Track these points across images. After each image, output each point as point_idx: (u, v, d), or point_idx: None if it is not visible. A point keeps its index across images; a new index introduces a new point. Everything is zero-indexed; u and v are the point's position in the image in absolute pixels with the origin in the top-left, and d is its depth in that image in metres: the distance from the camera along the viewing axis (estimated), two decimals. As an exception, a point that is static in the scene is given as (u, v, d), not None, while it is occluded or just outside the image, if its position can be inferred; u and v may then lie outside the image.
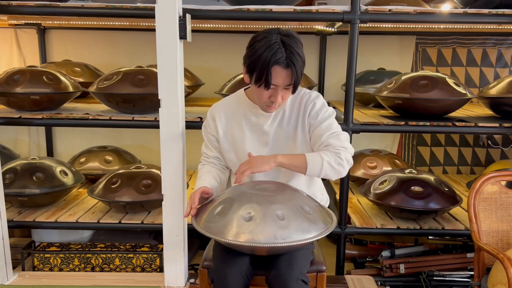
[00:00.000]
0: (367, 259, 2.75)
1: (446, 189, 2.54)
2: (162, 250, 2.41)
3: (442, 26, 3.11)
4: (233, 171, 1.80)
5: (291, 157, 1.61)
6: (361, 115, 2.70)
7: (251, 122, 1.73)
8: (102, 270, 2.51)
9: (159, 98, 2.07)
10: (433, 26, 3.11)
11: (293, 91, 1.60)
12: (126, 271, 2.50)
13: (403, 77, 2.55)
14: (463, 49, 3.43)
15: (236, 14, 2.24)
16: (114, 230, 2.81)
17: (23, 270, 2.52)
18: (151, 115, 2.43)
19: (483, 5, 2.47)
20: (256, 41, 1.54)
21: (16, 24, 3.36)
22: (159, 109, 2.08)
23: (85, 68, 3.16)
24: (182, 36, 2.04)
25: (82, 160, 3.10)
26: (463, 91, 2.44)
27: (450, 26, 3.08)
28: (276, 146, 1.73)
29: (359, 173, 3.02)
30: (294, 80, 1.54)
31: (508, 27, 2.99)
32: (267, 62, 1.50)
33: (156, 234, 2.86)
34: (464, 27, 3.07)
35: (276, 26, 1.67)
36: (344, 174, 1.65)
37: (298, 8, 2.25)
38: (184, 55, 2.15)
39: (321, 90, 3.49)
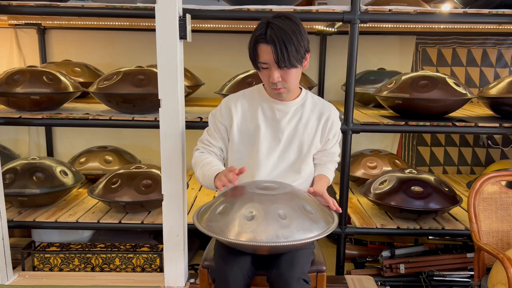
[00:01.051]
0: (367, 259, 2.76)
1: (446, 189, 2.54)
2: (162, 250, 2.41)
3: (442, 26, 3.11)
4: (237, 164, 1.72)
5: (325, 184, 1.77)
6: (361, 115, 2.70)
7: (267, 116, 1.72)
8: (102, 270, 2.51)
9: (159, 98, 2.07)
10: (433, 26, 3.11)
11: (282, 67, 1.55)
12: (126, 271, 2.50)
13: (403, 77, 2.55)
14: (463, 49, 3.44)
15: (236, 14, 2.24)
16: (114, 230, 2.81)
17: (23, 270, 2.52)
18: (151, 115, 2.42)
19: (483, 5, 2.47)
20: None
21: (16, 24, 3.36)
22: (159, 109, 2.08)
23: (85, 68, 3.16)
24: (182, 36, 2.04)
25: (82, 160, 3.10)
26: (463, 91, 2.44)
27: (450, 26, 3.08)
28: (287, 146, 1.73)
29: (359, 173, 3.02)
30: (276, 56, 1.52)
31: (508, 27, 2.99)
32: (253, 41, 1.57)
33: (156, 234, 2.86)
34: (464, 27, 3.07)
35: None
36: None
37: (298, 8, 2.25)
38: (184, 55, 2.15)
39: (321, 90, 3.49)
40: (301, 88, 1.77)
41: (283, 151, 1.73)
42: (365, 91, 3.00)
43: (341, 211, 1.59)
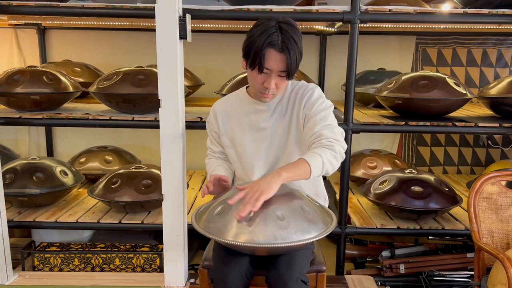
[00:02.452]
0: (367, 259, 2.75)
1: (446, 189, 2.54)
2: (162, 250, 2.41)
3: (442, 26, 3.11)
4: (234, 166, 1.82)
5: (293, 167, 1.48)
6: (361, 115, 2.70)
7: (251, 119, 1.73)
8: (102, 270, 2.51)
9: (159, 98, 2.07)
10: (433, 26, 3.11)
11: (288, 78, 1.56)
12: (126, 271, 2.50)
13: (403, 77, 2.55)
14: (463, 49, 3.43)
15: (236, 14, 2.24)
16: (114, 230, 2.81)
17: (23, 270, 2.52)
18: (151, 115, 2.43)
19: (483, 5, 2.47)
20: (255, 26, 1.55)
21: (16, 24, 3.36)
22: (159, 109, 2.08)
23: (85, 68, 3.16)
24: (182, 36, 2.04)
25: (82, 160, 3.10)
26: (463, 91, 2.44)
27: (450, 26, 3.08)
28: (274, 140, 1.73)
29: (359, 173, 3.02)
30: (288, 66, 1.52)
31: (508, 27, 2.99)
32: (262, 44, 1.50)
33: (156, 234, 2.86)
34: (464, 27, 3.07)
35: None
36: (338, 167, 1.57)
37: (298, 8, 2.25)
38: (184, 55, 2.15)
39: (321, 90, 3.49)
40: None
41: (270, 146, 1.73)
42: (365, 91, 3.00)
43: (242, 214, 1.39)
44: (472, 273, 2.34)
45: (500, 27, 2.98)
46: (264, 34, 1.50)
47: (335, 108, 1.86)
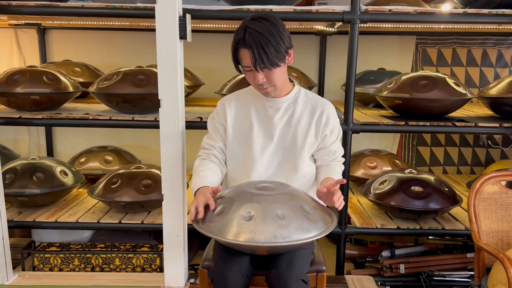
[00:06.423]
0: (367, 259, 2.75)
1: (446, 189, 2.54)
2: (162, 250, 2.41)
3: (442, 26, 3.11)
4: (233, 163, 1.78)
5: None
6: (361, 115, 2.70)
7: (260, 114, 1.75)
8: (102, 270, 2.51)
9: (159, 98, 2.07)
10: (433, 26, 3.11)
11: (262, 68, 1.57)
12: (126, 271, 2.50)
13: (403, 77, 2.55)
14: (463, 49, 3.44)
15: (236, 14, 2.24)
16: (114, 230, 2.81)
17: (23, 270, 2.52)
18: (151, 115, 2.43)
19: (483, 5, 2.47)
20: None
21: (16, 24, 3.36)
22: (159, 109, 2.08)
23: (85, 68, 3.16)
24: (182, 36, 2.04)
25: (82, 160, 3.10)
26: (463, 91, 2.44)
27: (450, 26, 3.08)
28: (281, 142, 1.73)
29: (359, 173, 3.02)
30: (256, 59, 1.55)
31: (508, 27, 2.99)
32: (233, 46, 1.62)
33: (156, 234, 2.86)
34: (464, 27, 3.07)
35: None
36: None
37: (298, 8, 2.25)
38: (184, 55, 2.16)
39: (321, 90, 3.49)
40: (293, 84, 1.78)
41: (276, 147, 1.74)
42: (365, 91, 3.00)
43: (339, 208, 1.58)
44: (472, 273, 2.33)
45: (500, 27, 2.98)
46: (234, 37, 1.62)
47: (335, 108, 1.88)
